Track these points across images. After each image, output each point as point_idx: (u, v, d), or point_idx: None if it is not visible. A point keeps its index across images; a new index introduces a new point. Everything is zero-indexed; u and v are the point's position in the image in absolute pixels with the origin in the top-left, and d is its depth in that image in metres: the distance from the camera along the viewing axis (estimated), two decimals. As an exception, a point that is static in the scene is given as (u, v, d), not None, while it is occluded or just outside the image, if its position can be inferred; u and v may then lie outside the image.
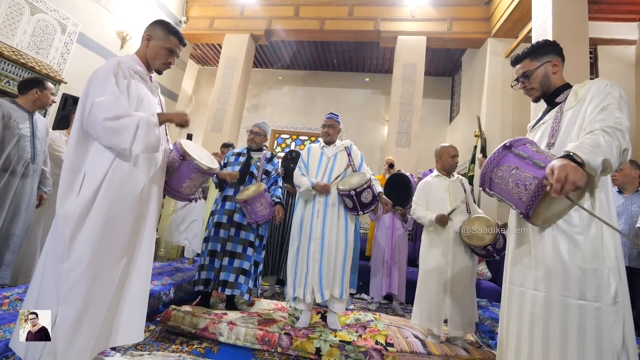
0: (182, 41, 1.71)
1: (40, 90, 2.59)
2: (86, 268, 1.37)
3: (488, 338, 2.67)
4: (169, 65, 1.72)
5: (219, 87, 6.47)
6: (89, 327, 1.38)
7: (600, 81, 1.32)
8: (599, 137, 1.14)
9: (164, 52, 1.67)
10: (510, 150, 1.27)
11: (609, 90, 1.27)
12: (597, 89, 1.30)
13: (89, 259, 1.38)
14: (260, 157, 2.93)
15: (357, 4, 6.33)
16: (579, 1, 3.79)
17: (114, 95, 1.45)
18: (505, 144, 1.29)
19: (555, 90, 1.46)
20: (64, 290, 1.35)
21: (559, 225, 1.26)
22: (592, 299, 1.16)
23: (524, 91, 1.54)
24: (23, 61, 3.78)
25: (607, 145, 1.12)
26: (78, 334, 1.34)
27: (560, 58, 1.48)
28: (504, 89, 5.32)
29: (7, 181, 2.45)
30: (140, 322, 1.59)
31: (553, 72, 1.46)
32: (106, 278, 1.44)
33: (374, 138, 7.77)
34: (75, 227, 1.38)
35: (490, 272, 4.02)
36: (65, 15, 4.51)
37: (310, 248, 2.49)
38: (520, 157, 1.23)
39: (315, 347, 2.13)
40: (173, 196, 1.81)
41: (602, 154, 1.10)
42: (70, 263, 1.36)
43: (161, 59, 1.68)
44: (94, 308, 1.40)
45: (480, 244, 2.31)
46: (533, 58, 1.48)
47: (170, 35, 1.67)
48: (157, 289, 2.66)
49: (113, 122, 1.41)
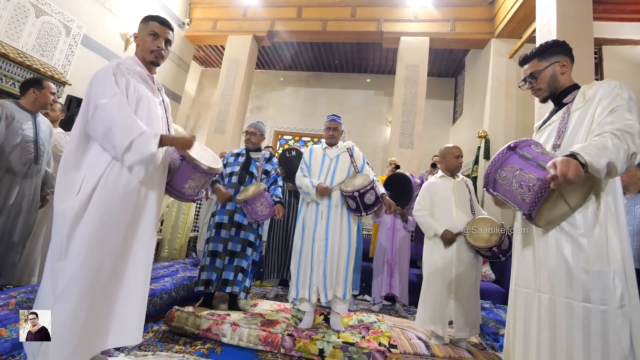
0: (162, 22, 1.69)
1: (38, 89, 2.58)
2: (80, 267, 1.37)
3: (492, 340, 2.65)
4: (160, 52, 1.68)
5: (222, 88, 6.49)
6: (81, 327, 1.37)
7: (609, 82, 1.30)
8: (607, 139, 1.13)
9: (148, 38, 1.67)
10: (514, 152, 1.26)
11: (618, 92, 1.25)
12: (606, 90, 1.27)
13: (84, 257, 1.38)
14: (260, 157, 2.93)
15: (360, 5, 6.34)
16: (583, 1, 3.77)
17: (116, 98, 1.46)
18: (509, 145, 1.29)
19: (563, 91, 1.44)
20: (59, 289, 1.36)
21: (563, 226, 1.25)
22: (597, 302, 1.15)
23: (532, 92, 1.52)
24: (28, 63, 3.81)
25: (615, 148, 1.11)
26: (70, 334, 1.34)
27: (569, 58, 1.45)
28: (508, 90, 5.31)
29: (9, 182, 2.46)
30: (138, 323, 1.58)
31: (561, 73, 1.43)
32: (101, 278, 1.43)
33: (377, 139, 7.76)
34: (72, 226, 1.40)
35: (494, 274, 4.00)
36: (69, 17, 4.55)
37: (315, 249, 2.49)
38: (524, 158, 1.23)
39: (318, 349, 2.12)
40: (176, 197, 1.80)
41: (608, 157, 1.08)
42: (67, 262, 1.38)
43: (148, 46, 1.67)
44: (87, 308, 1.39)
45: (485, 246, 2.29)
46: (541, 58, 1.46)
47: (149, 21, 1.68)
48: (160, 289, 2.66)
49: (114, 128, 1.43)
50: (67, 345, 1.33)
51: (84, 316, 1.38)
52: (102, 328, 1.47)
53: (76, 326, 1.35)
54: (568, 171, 1.04)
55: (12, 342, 1.70)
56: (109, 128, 1.43)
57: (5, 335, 1.74)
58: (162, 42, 1.68)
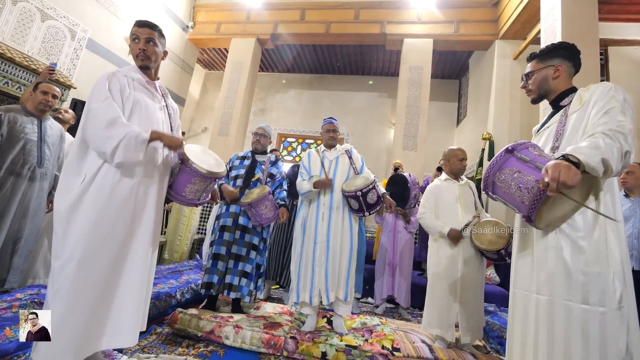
0: (140, 24, 1.72)
1: (33, 91, 2.61)
2: (74, 267, 1.39)
3: (497, 344, 2.63)
4: (143, 54, 1.69)
5: (226, 91, 6.51)
6: (73, 327, 1.38)
7: (604, 85, 1.31)
8: (598, 139, 1.14)
9: (132, 44, 1.72)
10: (512, 154, 1.27)
11: (613, 94, 1.26)
12: (601, 93, 1.29)
13: (78, 257, 1.40)
14: (265, 160, 2.93)
15: (363, 7, 6.33)
16: (588, 1, 3.73)
17: (106, 102, 1.51)
18: (507, 148, 1.29)
19: (560, 94, 1.45)
20: (54, 288, 1.38)
21: (562, 228, 1.25)
22: (596, 304, 1.15)
23: (525, 91, 1.56)
24: (34, 67, 3.85)
25: (607, 146, 1.12)
26: (61, 333, 1.35)
27: (571, 63, 1.46)
28: (512, 92, 5.27)
29: (12, 185, 2.48)
30: (134, 325, 1.58)
31: (553, 77, 1.45)
32: (95, 278, 1.45)
33: (380, 141, 7.74)
34: (66, 225, 1.43)
35: (498, 277, 3.97)
36: (74, 21, 4.59)
37: (316, 251, 2.48)
38: (522, 161, 1.23)
39: (321, 352, 2.12)
40: (178, 201, 1.78)
41: (601, 154, 1.09)
42: (61, 261, 1.40)
43: (134, 52, 1.72)
44: (81, 308, 1.40)
45: (493, 249, 2.28)
46: (540, 60, 1.49)
47: (132, 28, 1.72)
48: (164, 291, 2.67)
49: (102, 129, 1.47)
50: (57, 342, 1.35)
51: (77, 315, 1.39)
52: (97, 328, 1.48)
53: (68, 324, 1.37)
54: (558, 175, 1.04)
55: (17, 342, 1.73)
56: (96, 130, 1.47)
57: (10, 336, 1.76)
58: (143, 43, 1.69)
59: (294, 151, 8.29)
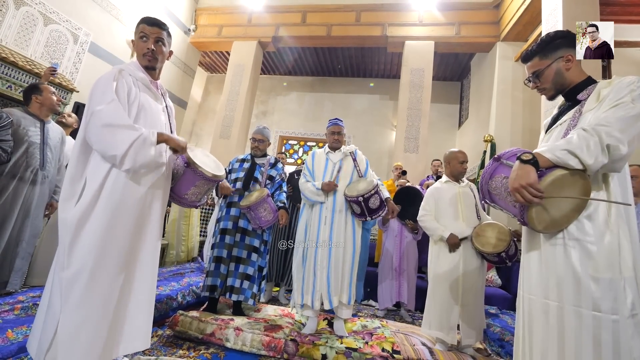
0: (150, 22, 1.64)
1: (39, 94, 2.62)
2: (87, 277, 1.35)
3: (498, 346, 2.61)
4: (150, 54, 1.63)
5: (227, 93, 6.54)
6: (89, 336, 1.35)
7: (627, 78, 1.19)
8: (573, 134, 1.14)
9: (139, 42, 1.64)
10: (499, 162, 1.30)
11: (633, 87, 1.15)
12: (619, 87, 1.18)
13: (90, 267, 1.36)
14: (264, 163, 2.94)
15: (364, 10, 6.35)
16: (590, 3, 3.73)
17: (113, 105, 1.43)
18: (495, 157, 1.32)
19: (575, 86, 1.33)
20: (64, 298, 1.33)
21: (571, 232, 1.19)
22: (608, 311, 1.09)
23: (537, 91, 1.43)
24: (37, 71, 3.88)
25: (579, 140, 1.10)
26: (76, 344, 1.32)
27: (575, 50, 1.34)
28: (514, 93, 5.27)
29: (15, 187, 2.49)
30: (146, 329, 1.57)
31: (567, 69, 1.32)
32: (108, 286, 1.41)
33: (382, 143, 7.74)
34: (74, 235, 1.37)
35: (500, 280, 3.95)
36: (77, 25, 4.63)
37: (318, 255, 2.47)
38: (508, 167, 1.25)
39: (321, 354, 2.11)
40: (179, 203, 1.79)
41: (568, 148, 1.10)
42: (70, 271, 1.34)
43: (140, 50, 1.64)
44: (95, 317, 1.37)
45: (493, 251, 2.27)
46: (542, 56, 1.36)
47: (139, 25, 1.65)
48: (165, 294, 2.67)
49: (109, 133, 1.39)
50: (75, 353, 1.32)
51: (93, 324, 1.36)
52: (114, 336, 1.45)
53: (83, 334, 1.34)
54: (514, 182, 1.04)
55: (19, 345, 1.74)
56: (103, 135, 1.39)
57: (11, 338, 1.77)
58: (152, 42, 1.62)
59: (295, 154, 8.30)
